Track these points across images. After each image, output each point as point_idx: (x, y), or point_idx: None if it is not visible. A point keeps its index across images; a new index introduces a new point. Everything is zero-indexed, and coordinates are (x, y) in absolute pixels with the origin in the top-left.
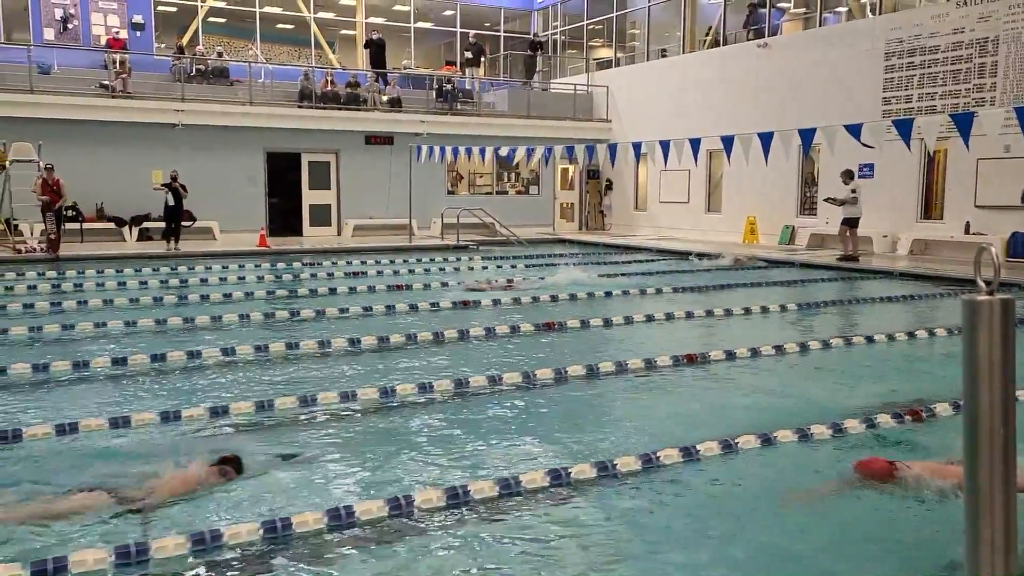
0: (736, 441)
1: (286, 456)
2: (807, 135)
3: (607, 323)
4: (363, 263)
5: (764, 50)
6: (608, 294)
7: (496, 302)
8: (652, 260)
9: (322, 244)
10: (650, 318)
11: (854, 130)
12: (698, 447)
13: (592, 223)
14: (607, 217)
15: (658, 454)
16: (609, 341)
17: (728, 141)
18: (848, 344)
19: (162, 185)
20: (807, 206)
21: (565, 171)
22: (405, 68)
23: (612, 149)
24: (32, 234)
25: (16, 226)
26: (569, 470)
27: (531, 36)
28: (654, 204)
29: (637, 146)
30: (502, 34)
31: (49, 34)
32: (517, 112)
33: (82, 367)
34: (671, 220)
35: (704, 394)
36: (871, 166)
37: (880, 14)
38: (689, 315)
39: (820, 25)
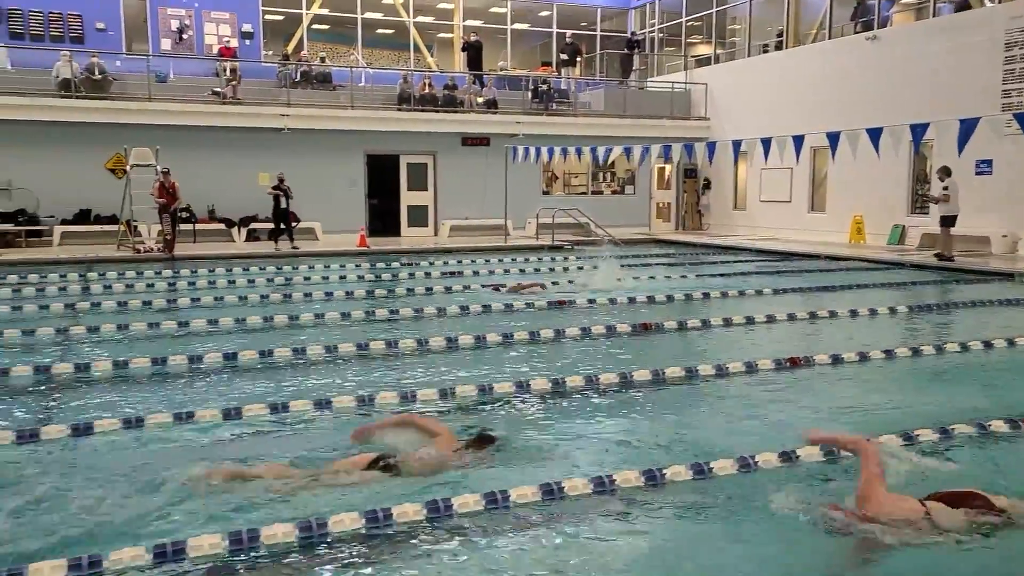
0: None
1: None
2: (918, 130)
3: (705, 324)
4: (459, 263)
5: (873, 43)
6: (685, 296)
7: (591, 301)
8: (750, 260)
9: (419, 244)
10: (750, 320)
11: (969, 125)
12: (798, 452)
13: (689, 223)
14: (704, 217)
15: (755, 458)
16: (708, 343)
17: (834, 138)
18: (966, 350)
19: (272, 188)
20: (918, 204)
21: (661, 170)
22: (501, 69)
23: (711, 147)
24: (150, 235)
25: (136, 227)
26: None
27: (628, 34)
28: (754, 203)
29: (737, 144)
30: (598, 33)
31: (166, 44)
32: (613, 111)
33: (196, 360)
34: (772, 220)
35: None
36: (989, 162)
37: (1000, 2)
38: (791, 317)
39: (934, 15)
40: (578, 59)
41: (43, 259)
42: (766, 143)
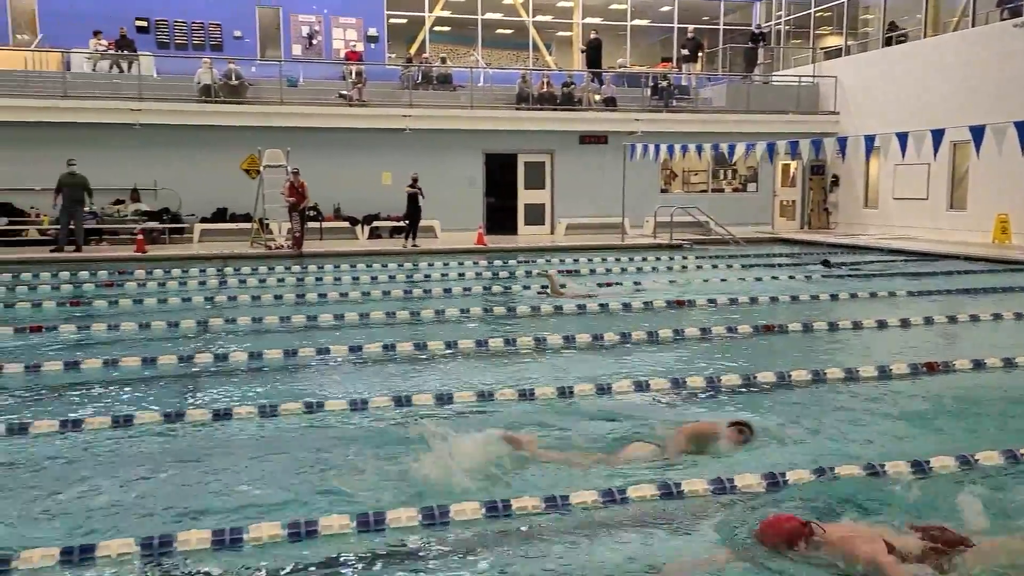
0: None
1: None
2: None
3: (832, 327)
4: (575, 261)
5: (1021, 30)
6: (811, 297)
7: (711, 302)
8: (883, 260)
9: (536, 242)
10: (882, 324)
11: None
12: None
13: (815, 221)
14: (832, 215)
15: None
16: (838, 345)
17: (978, 132)
18: None
19: (408, 187)
20: None
21: (786, 167)
22: (620, 67)
23: (841, 143)
24: (280, 232)
25: (267, 225)
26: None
27: (752, 28)
28: (886, 201)
29: (870, 139)
30: (721, 27)
31: (297, 50)
32: (735, 107)
33: (325, 352)
34: (906, 218)
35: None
36: None
37: None
38: (928, 321)
39: None
40: (700, 54)
41: (185, 255)
42: (902, 138)
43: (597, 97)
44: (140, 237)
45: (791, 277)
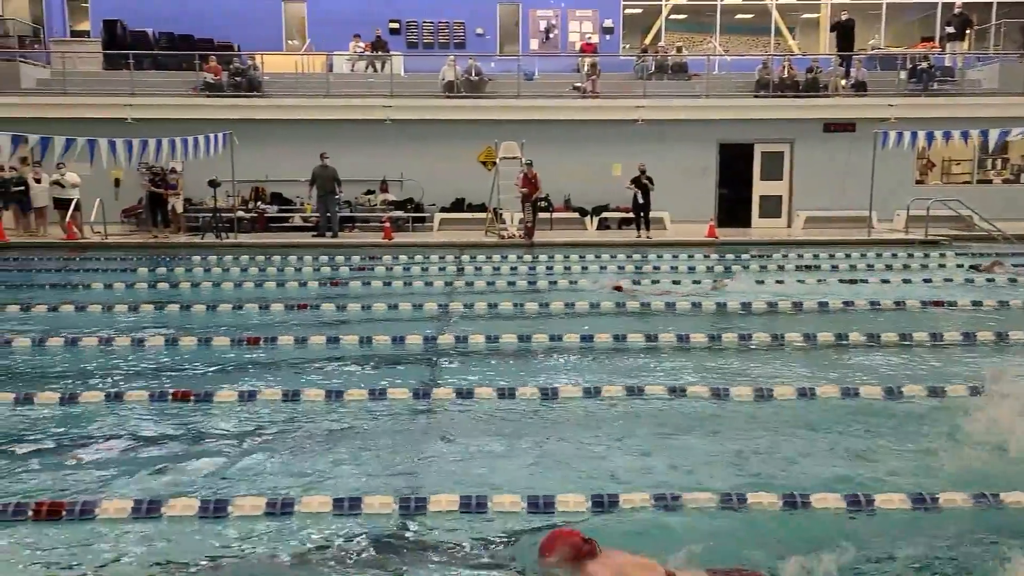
0: None
1: None
2: None
3: None
4: (815, 257)
5: None
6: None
7: (976, 304)
8: None
9: (771, 236)
10: None
11: None
12: None
13: None
14: None
15: None
16: None
17: None
18: None
19: (635, 179)
20: None
21: None
22: (872, 48)
23: None
24: (512, 222)
25: (501, 215)
26: None
27: None
28: None
29: None
30: (994, 0)
31: (534, 44)
32: (1010, 89)
33: (556, 339)
34: None
35: None
36: None
37: None
38: None
39: None
40: (967, 32)
41: (426, 242)
42: None
43: (843, 82)
44: (387, 225)
45: None
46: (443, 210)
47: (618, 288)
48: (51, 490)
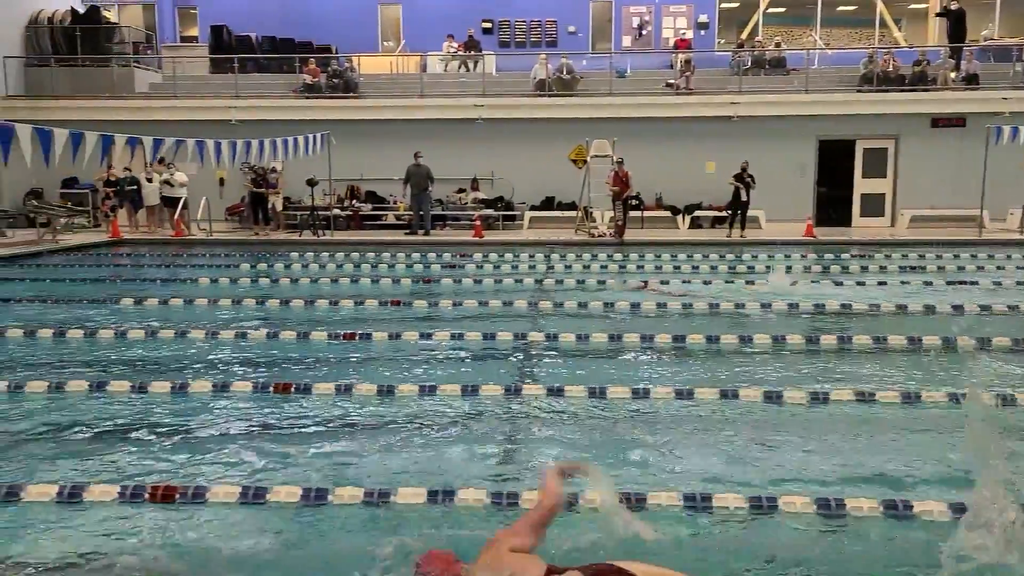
0: None
1: None
2: None
3: None
4: (921, 257)
5: None
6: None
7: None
8: None
9: (873, 235)
10: None
11: None
12: None
13: None
14: None
15: None
16: None
17: None
18: None
19: (737, 175)
20: None
21: None
22: (986, 40)
23: None
24: (602, 220)
25: (591, 213)
26: None
27: None
28: None
29: None
30: None
31: (626, 41)
32: None
33: (647, 340)
34: None
35: None
36: None
37: None
38: None
39: None
40: None
41: (516, 240)
42: None
43: (953, 75)
44: (478, 223)
45: None
46: (533, 208)
47: (644, 285)
48: (165, 473)
